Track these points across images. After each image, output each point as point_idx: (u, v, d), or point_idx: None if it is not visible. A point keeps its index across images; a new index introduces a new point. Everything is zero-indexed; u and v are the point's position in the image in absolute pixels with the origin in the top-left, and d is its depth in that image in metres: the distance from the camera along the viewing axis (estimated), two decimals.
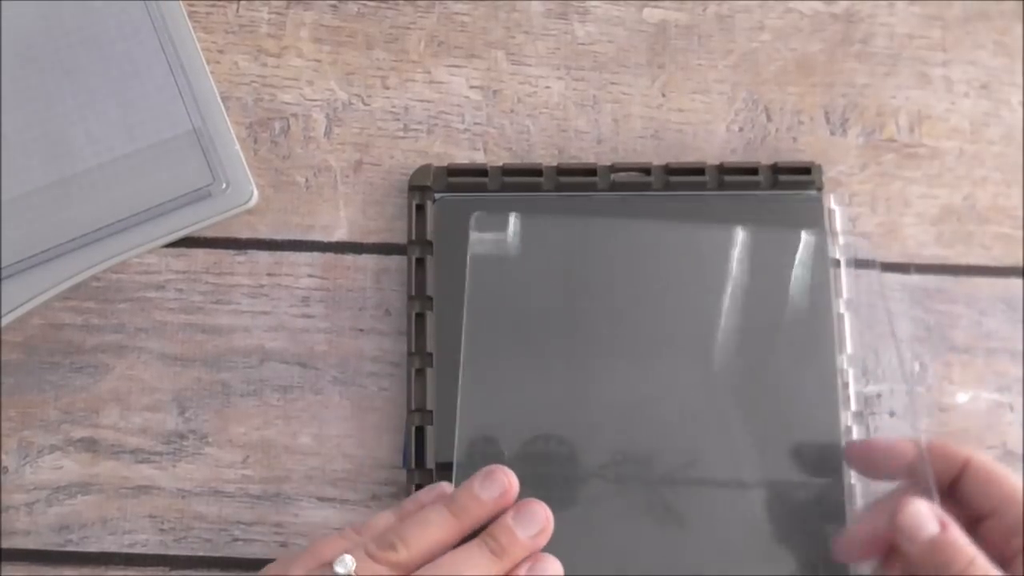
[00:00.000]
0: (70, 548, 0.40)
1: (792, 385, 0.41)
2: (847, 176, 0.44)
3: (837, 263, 0.42)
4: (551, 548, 0.39)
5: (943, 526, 0.34)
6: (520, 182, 0.42)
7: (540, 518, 0.34)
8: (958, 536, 0.34)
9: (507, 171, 0.42)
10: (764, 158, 0.44)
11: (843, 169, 0.44)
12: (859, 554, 0.38)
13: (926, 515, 0.34)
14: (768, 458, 0.40)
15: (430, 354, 0.40)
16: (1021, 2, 0.46)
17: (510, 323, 0.41)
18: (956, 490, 0.35)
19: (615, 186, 0.42)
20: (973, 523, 0.35)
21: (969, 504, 0.35)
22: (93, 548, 0.40)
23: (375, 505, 0.41)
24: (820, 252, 0.42)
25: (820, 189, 0.42)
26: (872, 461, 0.38)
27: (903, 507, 0.35)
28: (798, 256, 0.42)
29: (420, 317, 0.41)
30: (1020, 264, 0.43)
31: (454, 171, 0.42)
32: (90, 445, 0.41)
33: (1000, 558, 0.34)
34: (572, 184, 0.42)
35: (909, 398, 0.42)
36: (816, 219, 0.42)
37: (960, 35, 0.46)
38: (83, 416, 0.41)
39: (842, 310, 0.41)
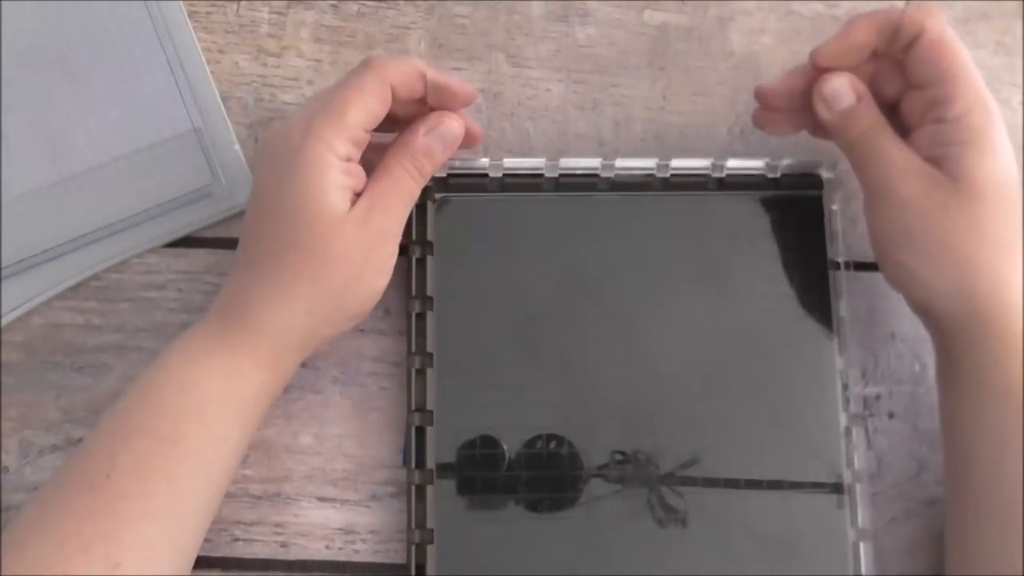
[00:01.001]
0: None
1: (791, 386, 0.41)
2: (847, 177, 0.44)
3: (837, 265, 0.42)
4: (553, 553, 0.39)
5: (859, 97, 0.37)
6: (520, 183, 0.42)
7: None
8: (870, 109, 0.37)
9: (507, 171, 0.42)
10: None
11: (844, 169, 0.44)
12: (774, 121, 0.40)
13: (844, 86, 0.37)
14: (765, 458, 0.40)
15: (430, 354, 0.40)
16: (1021, 2, 0.46)
17: (507, 321, 0.41)
18: (907, 57, 0.37)
19: (615, 186, 0.42)
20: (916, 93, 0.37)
21: (914, 72, 0.37)
22: None
23: (375, 505, 0.41)
24: (820, 253, 0.42)
25: (821, 190, 0.42)
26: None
27: (824, 78, 0.37)
28: (798, 257, 0.42)
29: (420, 317, 0.41)
30: None
31: (455, 172, 0.42)
32: None
33: (917, 126, 0.37)
34: (572, 184, 0.42)
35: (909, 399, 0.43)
36: (816, 220, 0.42)
37: (960, 35, 0.45)
38: (84, 416, 0.41)
39: (843, 312, 0.42)
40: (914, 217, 0.36)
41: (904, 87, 0.38)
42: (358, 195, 0.36)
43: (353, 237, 0.35)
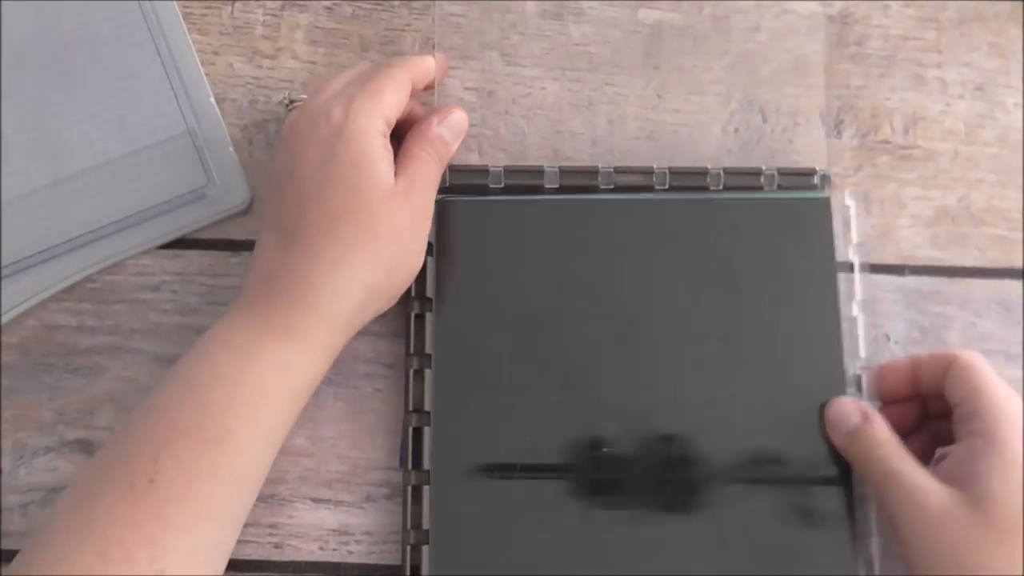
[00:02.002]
0: None
1: (798, 390, 0.40)
2: (842, 178, 0.44)
3: (849, 266, 0.41)
4: (552, 554, 0.39)
5: (865, 417, 0.38)
6: (521, 184, 0.42)
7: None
8: (878, 428, 0.37)
9: (508, 172, 0.42)
10: (759, 159, 0.44)
11: (838, 171, 0.44)
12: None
13: (850, 409, 0.38)
14: (772, 463, 0.40)
15: (428, 355, 0.40)
16: (1018, 2, 0.46)
17: (507, 324, 0.41)
18: (944, 387, 0.37)
19: (618, 188, 0.42)
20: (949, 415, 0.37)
21: (950, 397, 0.37)
22: None
23: (369, 506, 0.41)
24: (827, 254, 0.41)
25: (825, 190, 0.42)
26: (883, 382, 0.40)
27: (832, 402, 0.39)
28: (804, 258, 0.41)
29: (419, 318, 0.41)
30: (1015, 266, 0.43)
31: (454, 171, 0.42)
32: (85, 447, 0.41)
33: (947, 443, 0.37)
34: (574, 186, 0.42)
35: None
36: (822, 221, 0.41)
37: (955, 37, 0.46)
38: (78, 417, 0.41)
39: (855, 313, 0.41)
40: (931, 539, 0.34)
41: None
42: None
43: (402, 210, 0.36)
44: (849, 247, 0.41)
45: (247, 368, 0.34)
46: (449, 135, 0.40)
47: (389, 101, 0.37)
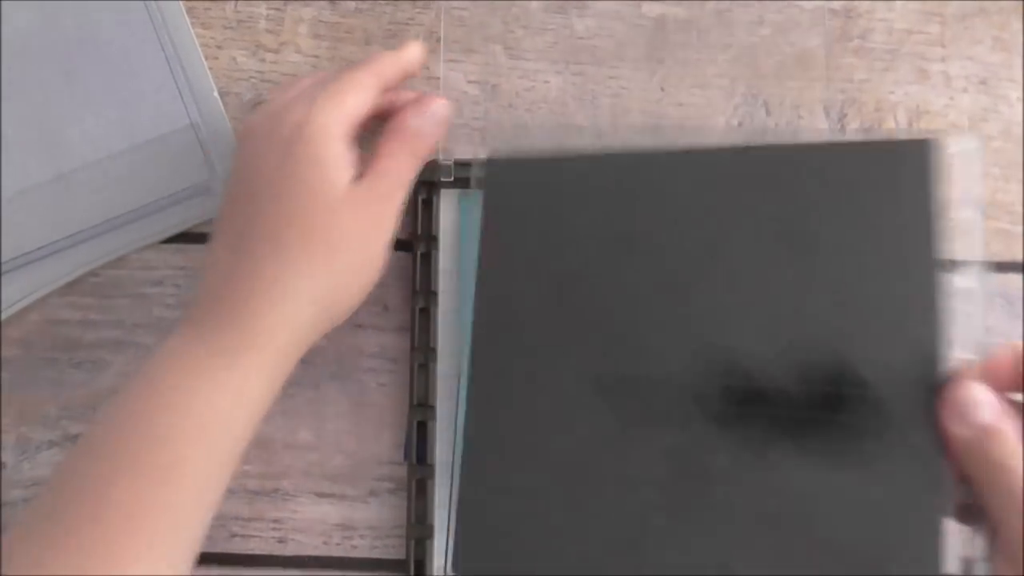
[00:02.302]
0: None
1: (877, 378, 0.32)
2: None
3: (962, 222, 0.33)
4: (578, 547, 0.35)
5: (1000, 416, 0.30)
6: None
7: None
8: (1014, 434, 0.30)
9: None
10: None
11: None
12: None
13: (982, 399, 0.30)
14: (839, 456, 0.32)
15: (433, 349, 0.40)
16: None
17: (554, 293, 0.36)
18: None
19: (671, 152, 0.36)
20: None
21: None
22: None
23: (373, 501, 0.41)
24: (924, 222, 0.32)
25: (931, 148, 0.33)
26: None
27: (961, 385, 0.31)
28: (898, 224, 0.33)
29: (424, 312, 0.41)
30: (1019, 259, 0.43)
31: (459, 166, 0.42)
32: None
33: None
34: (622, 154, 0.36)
35: None
36: (926, 171, 0.32)
37: (959, 31, 0.46)
38: (81, 412, 0.41)
39: (974, 283, 0.33)
40: None
41: None
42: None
43: (361, 214, 0.34)
44: (968, 200, 0.33)
45: (195, 393, 0.33)
46: (427, 127, 0.37)
47: (351, 102, 0.35)
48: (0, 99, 0.42)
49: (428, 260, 0.41)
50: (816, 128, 0.44)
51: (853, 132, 0.45)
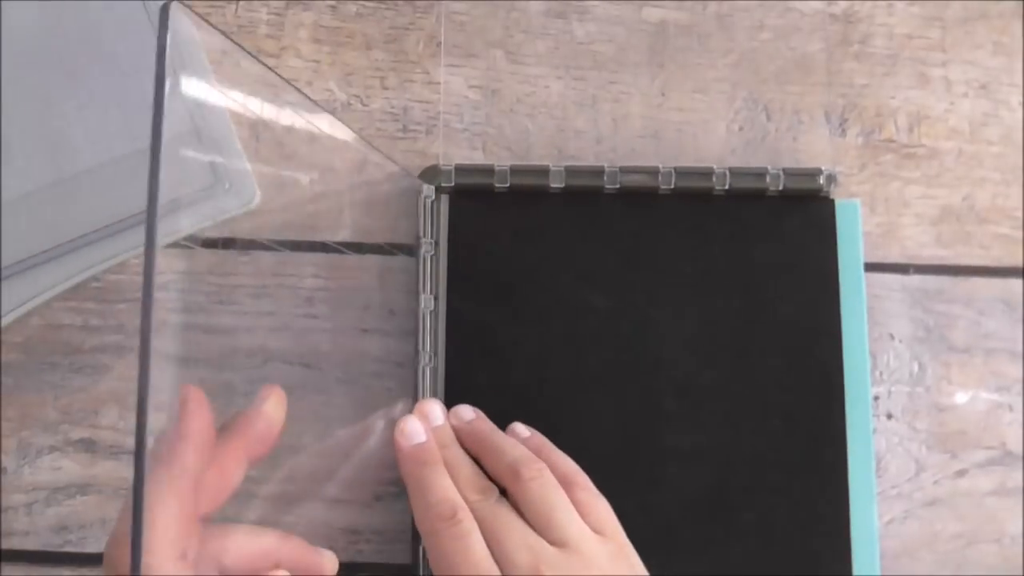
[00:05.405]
0: (69, 549, 0.40)
1: (799, 392, 0.41)
2: (846, 176, 0.44)
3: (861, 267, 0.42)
4: None
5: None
6: (526, 183, 0.42)
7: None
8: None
9: (514, 171, 0.42)
10: (764, 158, 0.44)
11: (842, 169, 0.44)
12: None
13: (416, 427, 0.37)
14: (771, 464, 0.40)
15: (438, 353, 0.40)
16: (1020, 1, 0.46)
17: (515, 323, 0.41)
18: None
19: (623, 188, 0.42)
20: None
21: None
22: (92, 549, 0.40)
23: (379, 505, 0.41)
24: (830, 255, 0.41)
25: (828, 193, 0.42)
26: None
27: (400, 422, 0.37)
28: (807, 259, 0.41)
29: (430, 316, 0.41)
30: (1019, 264, 0.44)
31: (460, 170, 0.42)
32: (89, 446, 0.41)
33: None
34: (579, 186, 0.42)
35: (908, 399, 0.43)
36: (828, 223, 0.42)
37: (959, 35, 0.46)
38: (82, 416, 0.41)
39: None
40: None
41: None
42: None
43: None
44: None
45: None
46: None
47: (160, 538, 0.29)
48: (1, 102, 0.42)
49: (433, 263, 0.41)
50: (817, 133, 0.44)
51: (854, 137, 0.45)
